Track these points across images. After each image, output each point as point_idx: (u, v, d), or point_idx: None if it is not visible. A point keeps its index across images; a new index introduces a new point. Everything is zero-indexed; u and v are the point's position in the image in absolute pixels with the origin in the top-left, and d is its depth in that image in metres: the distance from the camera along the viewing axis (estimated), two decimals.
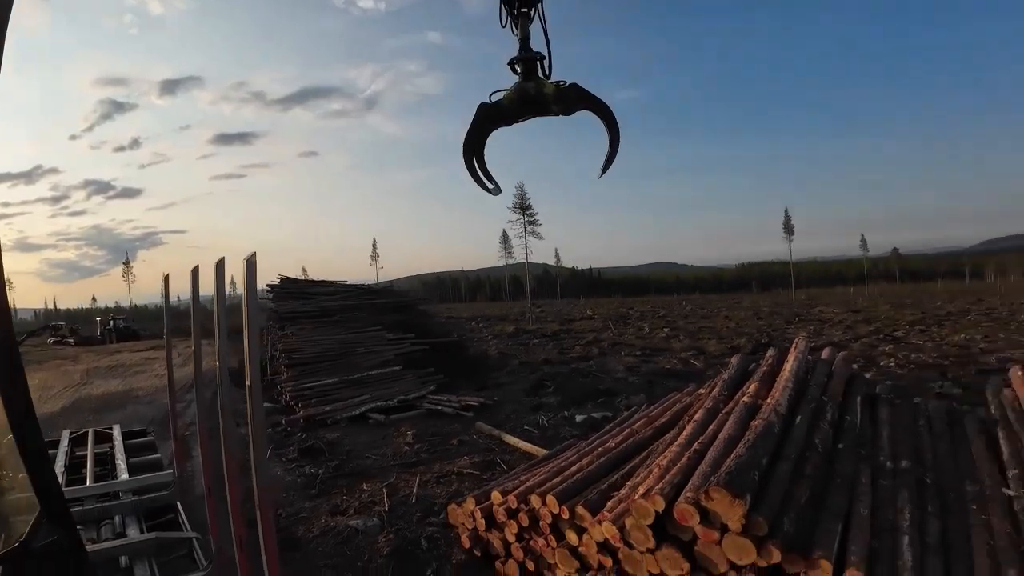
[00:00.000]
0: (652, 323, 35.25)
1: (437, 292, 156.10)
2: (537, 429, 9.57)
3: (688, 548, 3.41)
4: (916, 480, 3.96)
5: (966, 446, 4.57)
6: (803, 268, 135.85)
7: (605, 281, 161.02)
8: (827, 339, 20.35)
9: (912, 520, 3.48)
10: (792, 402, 4.47)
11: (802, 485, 3.55)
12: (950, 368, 13.96)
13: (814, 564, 3.02)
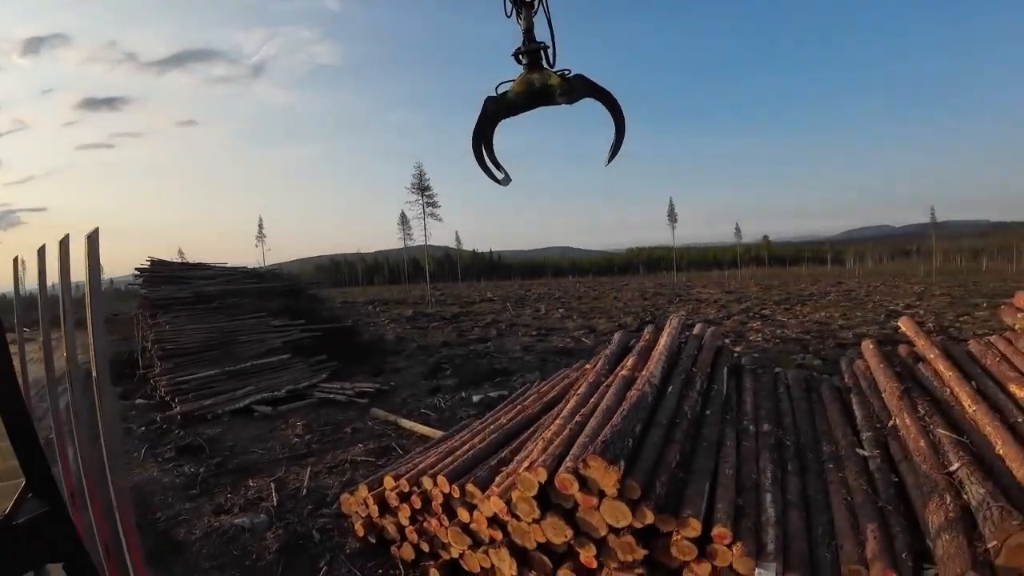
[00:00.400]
0: (548, 304, 36.19)
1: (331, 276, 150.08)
2: (434, 412, 9.52)
3: (571, 515, 3.54)
4: (777, 442, 4.38)
5: (823, 411, 5.11)
6: (684, 253, 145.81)
7: (505, 264, 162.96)
8: (703, 317, 21.99)
9: (774, 478, 3.84)
10: (665, 374, 4.77)
11: (673, 449, 3.80)
12: (811, 342, 15.57)
13: (684, 523, 3.24)
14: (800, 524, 3.44)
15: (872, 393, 4.97)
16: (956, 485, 3.38)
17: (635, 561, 3.37)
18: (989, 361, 4.85)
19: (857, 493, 3.65)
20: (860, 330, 17.10)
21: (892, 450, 4.13)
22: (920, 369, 5.12)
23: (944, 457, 3.65)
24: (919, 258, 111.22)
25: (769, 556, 3.11)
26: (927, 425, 4.06)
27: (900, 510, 3.50)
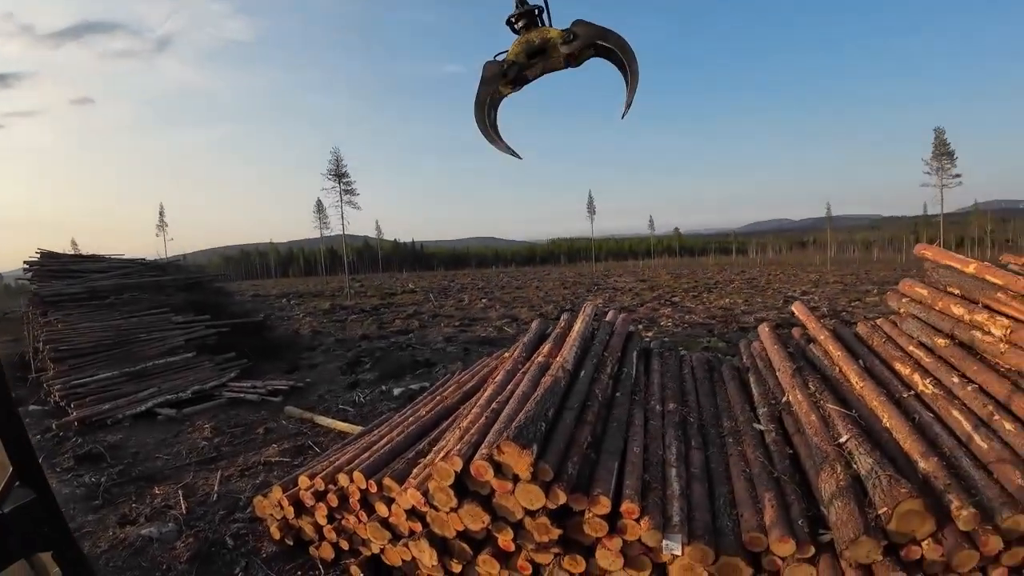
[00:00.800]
0: (471, 294, 36.27)
1: (241, 267, 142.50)
2: (353, 407, 9.32)
3: (488, 501, 3.57)
4: (681, 419, 4.59)
5: (723, 389, 5.41)
6: (603, 244, 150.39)
7: (428, 254, 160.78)
8: (620, 304, 22.80)
9: (678, 454, 4.02)
10: (578, 359, 4.88)
11: (584, 431, 3.90)
12: (716, 326, 16.55)
13: (595, 501, 3.34)
14: (703, 496, 3.62)
15: (768, 372, 5.30)
16: (846, 456, 3.65)
17: (551, 541, 3.46)
18: (876, 342, 5.29)
19: (755, 465, 3.89)
20: (760, 315, 18.35)
21: (786, 424, 4.43)
22: (811, 349, 5.53)
23: (834, 430, 3.95)
24: (815, 249, 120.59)
25: (675, 527, 3.26)
26: (818, 400, 4.38)
27: (795, 479, 3.76)
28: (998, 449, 3.44)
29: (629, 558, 3.38)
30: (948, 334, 4.75)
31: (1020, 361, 4.00)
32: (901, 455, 3.66)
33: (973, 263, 5.09)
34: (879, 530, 3.05)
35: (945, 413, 3.96)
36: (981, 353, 4.37)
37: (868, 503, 3.22)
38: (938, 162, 61.54)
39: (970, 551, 2.97)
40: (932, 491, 3.29)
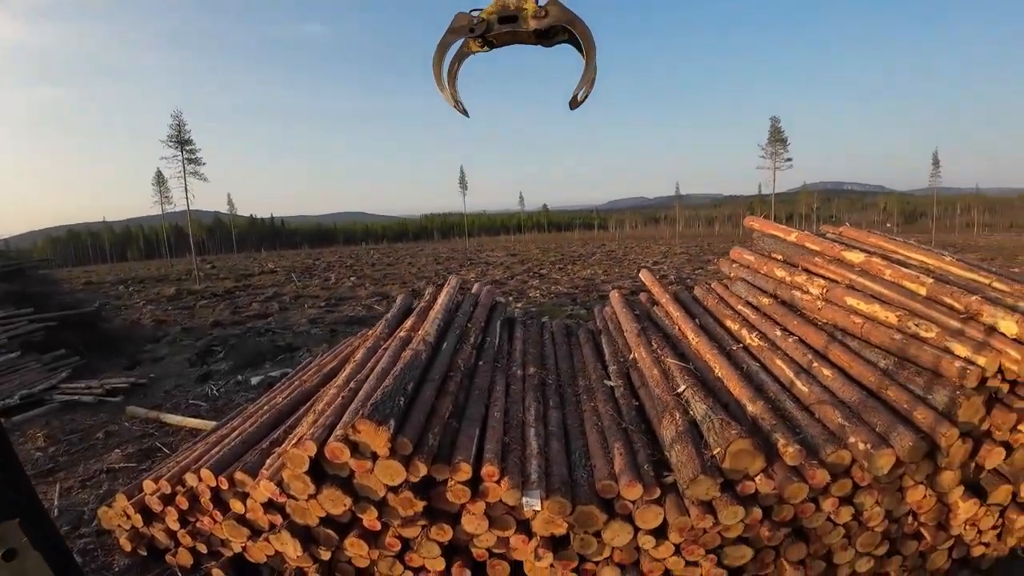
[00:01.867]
0: (339, 273, 34.84)
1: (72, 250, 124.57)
2: (206, 401, 8.62)
3: (349, 483, 3.46)
4: (540, 382, 4.78)
5: (579, 352, 5.71)
6: (476, 220, 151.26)
7: (289, 231, 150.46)
8: (491, 278, 23.19)
9: (537, 415, 4.17)
10: (441, 331, 4.88)
11: (446, 402, 3.90)
12: (579, 295, 17.45)
13: (456, 468, 3.36)
14: (560, 451, 3.80)
15: (617, 333, 5.68)
16: (684, 404, 4.01)
17: (416, 514, 3.42)
18: (710, 302, 5.85)
19: (606, 418, 4.15)
20: (618, 283, 19.65)
21: (633, 379, 4.78)
22: (655, 311, 5.99)
23: (673, 381, 4.32)
24: (666, 224, 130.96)
25: (533, 484, 3.38)
26: (659, 356, 4.77)
27: (641, 428, 4.06)
28: (818, 392, 3.96)
29: (494, 519, 3.46)
30: (772, 294, 5.38)
31: (835, 316, 4.63)
32: (732, 401, 4.09)
33: (794, 232, 5.81)
34: (715, 469, 3.38)
35: (770, 362, 4.49)
36: (801, 310, 5.00)
37: (704, 445, 3.57)
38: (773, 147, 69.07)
39: (799, 483, 3.37)
40: (760, 431, 3.72)
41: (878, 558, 3.76)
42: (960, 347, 3.72)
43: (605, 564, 3.53)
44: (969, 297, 4.03)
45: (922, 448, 3.39)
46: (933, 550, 3.87)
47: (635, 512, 3.39)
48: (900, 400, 3.69)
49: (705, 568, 3.51)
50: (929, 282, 4.32)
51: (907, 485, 3.60)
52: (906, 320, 4.13)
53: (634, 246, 54.60)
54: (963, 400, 3.49)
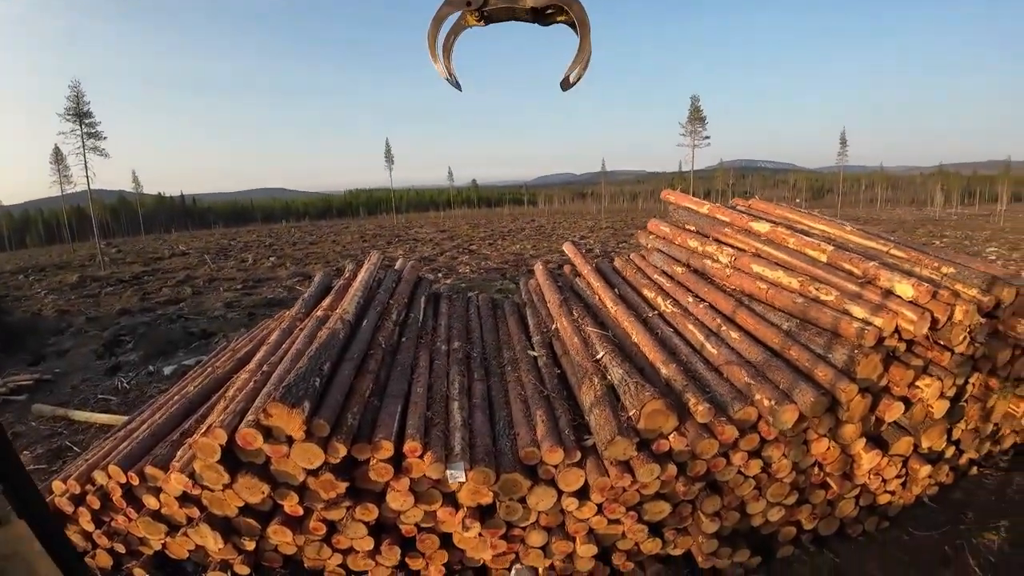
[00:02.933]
0: (257, 253, 33.26)
1: None
2: (116, 395, 8.07)
3: (266, 469, 3.33)
4: (465, 356, 4.77)
5: (505, 324, 5.74)
6: (404, 195, 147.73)
7: (202, 210, 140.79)
8: (420, 255, 22.88)
9: (461, 388, 4.16)
10: (361, 309, 4.75)
11: (366, 380, 3.82)
12: (508, 270, 17.54)
13: (378, 446, 3.31)
14: (484, 422, 3.83)
15: (541, 304, 5.77)
16: (602, 369, 4.13)
17: (339, 495, 3.36)
18: (628, 272, 6.01)
19: (529, 387, 4.21)
20: (546, 257, 19.92)
21: (555, 348, 4.88)
22: (578, 282, 6.11)
23: (592, 348, 4.42)
24: (593, 199, 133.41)
25: (457, 456, 3.39)
26: (580, 325, 4.87)
27: (563, 395, 4.16)
28: (726, 354, 4.17)
29: (419, 494, 3.45)
30: (685, 263, 5.59)
31: (742, 282, 4.87)
32: (648, 364, 4.25)
33: (706, 204, 6.05)
34: (631, 430, 3.51)
35: (683, 327, 4.67)
36: (711, 277, 5.23)
37: (621, 408, 3.69)
38: (692, 126, 71.55)
39: (710, 440, 3.56)
40: (674, 392, 3.88)
41: (788, 507, 4.04)
42: (858, 309, 4.01)
43: (532, 528, 3.62)
44: (867, 263, 4.34)
45: (823, 403, 3.65)
46: (840, 499, 4.19)
47: (558, 476, 3.48)
48: (802, 359, 3.94)
49: (627, 525, 3.67)
50: (829, 249, 4.62)
51: (811, 438, 3.86)
52: (808, 285, 4.40)
53: (562, 221, 55.57)
54: (861, 358, 3.77)
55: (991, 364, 4.31)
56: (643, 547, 3.78)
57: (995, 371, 4.38)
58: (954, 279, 4.23)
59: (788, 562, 4.06)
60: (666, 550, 3.86)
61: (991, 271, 4.30)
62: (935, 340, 4.10)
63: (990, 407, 4.51)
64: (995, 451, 4.97)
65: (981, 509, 4.51)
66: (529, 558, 3.68)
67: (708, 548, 3.83)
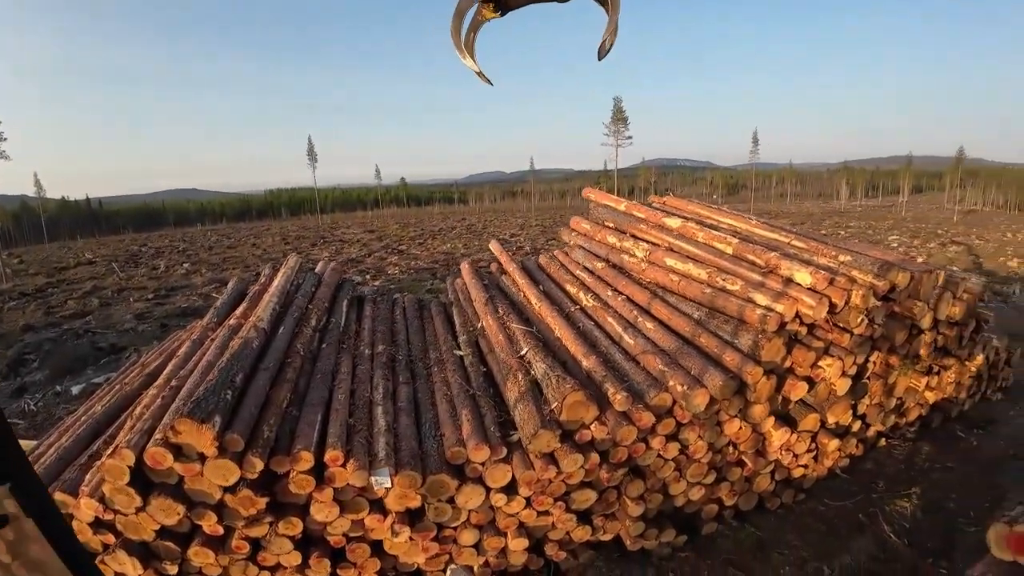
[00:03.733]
0: (170, 259, 31.41)
1: None
2: (23, 418, 7.49)
3: (181, 490, 3.17)
4: (390, 359, 4.70)
5: (431, 325, 5.69)
6: (329, 194, 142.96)
7: (110, 214, 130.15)
8: (347, 256, 22.33)
9: (385, 392, 4.11)
10: (276, 315, 4.59)
11: (283, 390, 3.70)
12: (439, 270, 17.42)
13: (297, 458, 3.21)
14: (410, 425, 3.80)
15: (467, 303, 5.78)
16: (527, 365, 4.20)
17: (260, 511, 3.24)
18: (552, 269, 6.13)
19: (455, 387, 4.22)
20: (477, 256, 19.94)
21: (481, 346, 4.91)
22: (504, 280, 6.18)
23: (517, 345, 4.49)
24: (523, 198, 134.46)
25: (381, 462, 3.35)
26: (505, 322, 4.93)
27: (490, 393, 4.19)
28: (643, 344, 4.34)
29: (345, 504, 3.38)
30: (605, 259, 5.77)
31: (657, 275, 5.08)
32: (570, 358, 4.36)
33: (624, 202, 6.27)
34: (554, 422, 3.60)
35: (602, 320, 4.82)
36: (628, 271, 5.42)
37: (544, 401, 3.77)
38: (615, 126, 73.72)
39: (629, 427, 3.71)
40: (594, 383, 4.01)
41: (708, 486, 4.26)
42: (761, 297, 4.27)
43: (463, 528, 3.64)
44: (769, 254, 4.64)
45: (731, 386, 3.87)
46: (756, 475, 4.45)
47: (485, 473, 3.52)
48: (711, 346, 4.16)
49: (556, 515, 3.76)
50: (735, 242, 4.90)
51: (723, 419, 4.09)
52: (715, 276, 4.65)
53: (493, 219, 55.84)
54: (765, 342, 4.02)
55: (890, 344, 4.69)
56: (574, 535, 3.89)
57: (894, 350, 4.77)
58: (850, 266, 4.57)
59: (712, 538, 4.27)
60: (596, 536, 3.98)
61: (886, 258, 4.69)
62: (835, 323, 4.42)
63: (892, 383, 4.91)
64: (901, 423, 5.43)
65: (891, 478, 4.88)
66: (462, 557, 3.71)
67: (635, 531, 3.99)
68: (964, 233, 32.60)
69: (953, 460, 5.12)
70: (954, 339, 5.30)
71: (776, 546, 4.12)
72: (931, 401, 5.54)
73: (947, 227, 38.30)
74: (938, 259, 20.70)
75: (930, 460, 5.16)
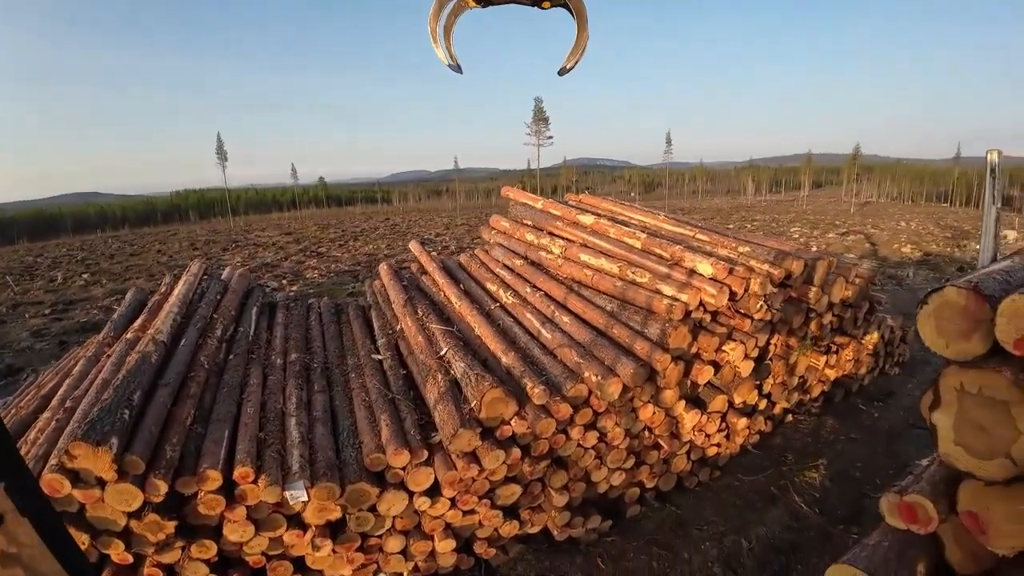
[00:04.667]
0: (68, 270, 28.87)
1: None
2: None
3: (83, 518, 2.93)
4: (304, 367, 4.55)
5: (349, 329, 5.55)
6: (242, 195, 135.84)
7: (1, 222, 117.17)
8: (262, 261, 21.37)
9: (299, 402, 3.97)
10: (178, 327, 4.33)
11: (186, 406, 3.52)
12: (361, 272, 17.00)
13: (203, 477, 3.06)
14: (326, 435, 3.70)
15: (386, 305, 5.68)
16: (446, 365, 4.20)
17: (169, 536, 3.06)
18: (473, 268, 6.15)
19: (373, 392, 4.14)
20: (401, 257, 19.59)
21: (401, 349, 4.85)
22: (424, 280, 6.13)
23: (437, 345, 4.48)
24: (448, 197, 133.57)
25: (295, 476, 3.24)
26: (424, 323, 4.90)
27: (410, 396, 4.15)
28: (559, 337, 4.45)
29: (260, 521, 3.26)
30: (523, 256, 5.87)
31: (572, 271, 5.22)
32: (490, 355, 4.41)
33: (541, 200, 6.41)
34: (474, 420, 3.62)
35: (521, 316, 4.90)
36: (546, 268, 5.54)
37: (464, 400, 3.79)
38: (536, 126, 75.01)
39: (547, 419, 3.78)
40: (513, 379, 4.07)
41: (629, 470, 4.43)
42: (667, 288, 4.49)
43: (388, 535, 3.60)
44: (674, 247, 4.89)
45: (642, 373, 4.04)
46: (673, 456, 4.67)
47: (407, 478, 3.49)
48: (623, 336, 4.34)
49: (482, 513, 3.79)
50: (643, 237, 5.13)
51: (638, 405, 4.27)
52: (626, 270, 4.85)
53: (418, 219, 55.08)
54: (672, 331, 4.23)
55: (789, 327, 5.05)
56: (502, 531, 3.93)
57: (793, 332, 5.13)
58: (749, 256, 4.89)
59: (637, 520, 4.44)
60: (524, 530, 4.04)
61: (782, 248, 5.04)
62: (736, 309, 4.72)
63: (793, 363, 5.28)
64: (806, 400, 5.85)
65: (800, 451, 5.25)
66: (390, 565, 3.65)
67: (562, 520, 4.08)
68: (860, 223, 35.44)
69: (856, 432, 5.59)
70: (849, 320, 5.78)
71: (696, 523, 4.35)
72: (832, 378, 6.01)
73: (845, 218, 41.48)
74: (837, 247, 22.39)
75: (835, 433, 5.61)
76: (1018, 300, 1.87)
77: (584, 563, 3.96)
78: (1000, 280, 2.19)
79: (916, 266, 17.11)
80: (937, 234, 28.64)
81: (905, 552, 2.32)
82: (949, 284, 2.08)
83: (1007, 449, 1.94)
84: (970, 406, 2.03)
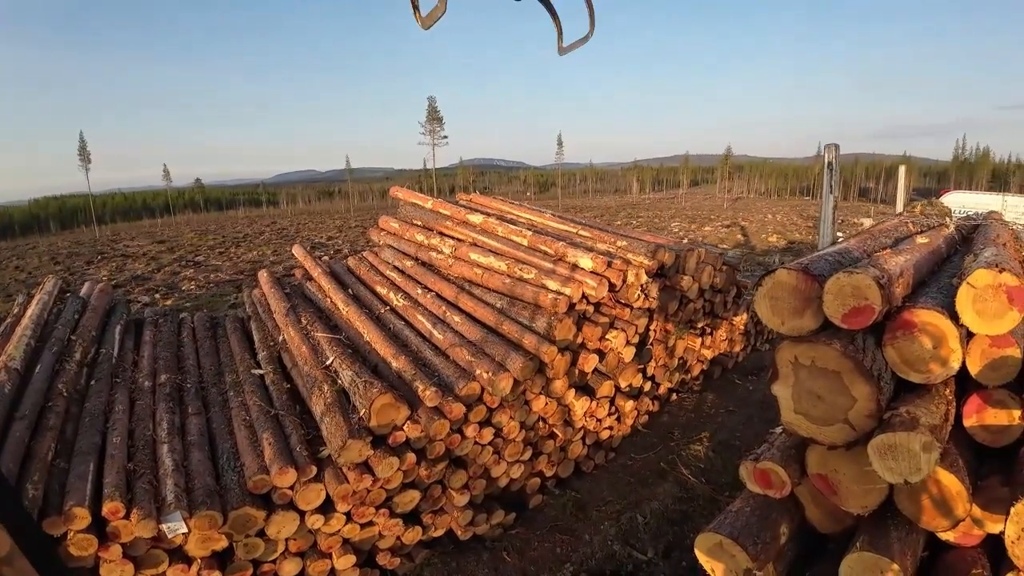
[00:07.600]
0: None
1: None
2: None
3: None
4: (176, 389, 4.23)
5: (227, 344, 5.22)
6: (108, 201, 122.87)
7: None
8: (132, 273, 19.52)
9: (171, 428, 3.70)
10: (32, 352, 3.89)
11: (46, 440, 3.18)
12: (245, 281, 15.94)
13: (70, 517, 2.80)
14: (204, 460, 3.48)
15: (267, 316, 5.40)
16: (333, 375, 4.08)
17: None
18: (362, 271, 6.00)
19: (255, 410, 3.94)
20: (289, 264, 18.65)
21: (284, 361, 4.64)
22: (309, 287, 5.89)
23: (323, 355, 4.34)
24: (340, 198, 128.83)
25: (171, 506, 3.03)
26: (309, 332, 4.72)
27: (296, 410, 3.99)
28: (451, 337, 4.47)
29: (140, 559, 3.03)
30: (414, 257, 5.83)
31: (463, 270, 5.25)
32: (381, 360, 4.34)
33: (430, 200, 6.39)
34: (364, 429, 3.55)
35: (413, 319, 4.87)
36: (437, 268, 5.54)
37: (353, 409, 3.70)
38: (431, 125, 74.29)
39: (441, 421, 3.79)
40: (404, 383, 4.03)
41: (527, 462, 4.54)
42: (552, 283, 4.66)
43: (283, 559, 3.45)
44: (558, 243, 5.11)
45: (531, 366, 4.18)
46: (569, 443, 4.86)
47: (295, 497, 3.36)
48: (512, 332, 4.46)
49: (381, 523, 3.72)
50: (530, 235, 5.30)
51: (530, 398, 4.39)
52: (514, 267, 4.98)
53: (308, 222, 52.51)
54: (557, 323, 4.40)
55: (665, 313, 5.40)
56: (404, 539, 3.89)
57: (669, 318, 5.50)
58: (626, 250, 5.22)
59: (539, 509, 4.58)
60: (428, 534, 4.03)
61: (656, 241, 5.40)
62: (617, 300, 5.00)
63: (672, 346, 5.65)
64: (688, 379, 6.28)
65: (685, 427, 5.64)
66: None
67: (465, 520, 4.11)
68: (733, 217, 38.41)
69: (734, 404, 6.08)
70: (720, 304, 6.28)
71: (595, 504, 4.57)
72: (709, 357, 6.51)
73: (719, 213, 44.80)
74: (712, 239, 24.14)
75: (715, 407, 6.08)
76: (843, 279, 2.13)
77: (491, 559, 4.03)
78: (832, 261, 2.47)
79: (782, 253, 18.86)
80: (800, 224, 31.77)
81: (767, 515, 2.55)
82: (781, 266, 2.33)
83: (844, 415, 2.17)
84: (805, 377, 2.28)
